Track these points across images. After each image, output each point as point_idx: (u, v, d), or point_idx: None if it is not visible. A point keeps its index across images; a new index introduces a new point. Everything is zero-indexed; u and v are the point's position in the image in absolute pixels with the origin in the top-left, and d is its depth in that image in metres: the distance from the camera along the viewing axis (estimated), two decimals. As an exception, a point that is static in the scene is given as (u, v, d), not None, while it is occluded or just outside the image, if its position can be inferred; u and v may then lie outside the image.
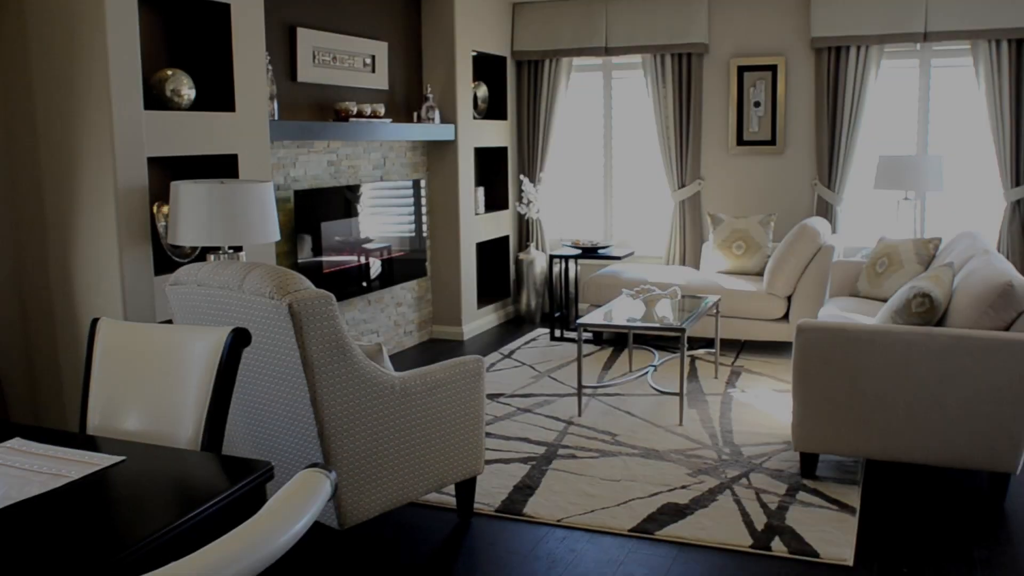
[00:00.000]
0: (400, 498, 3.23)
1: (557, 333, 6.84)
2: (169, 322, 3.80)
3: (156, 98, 4.17)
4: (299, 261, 5.22)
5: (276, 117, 4.93)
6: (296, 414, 3.00)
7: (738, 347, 6.36)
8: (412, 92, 6.58)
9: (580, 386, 4.84)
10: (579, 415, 4.86)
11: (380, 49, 6.09)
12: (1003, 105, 6.20)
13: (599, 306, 6.47)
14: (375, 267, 5.98)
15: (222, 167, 4.53)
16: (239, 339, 2.27)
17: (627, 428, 4.65)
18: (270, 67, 4.92)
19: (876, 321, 3.95)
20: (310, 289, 2.94)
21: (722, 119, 7.05)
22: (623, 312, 5.07)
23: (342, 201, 5.62)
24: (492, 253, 7.69)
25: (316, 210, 5.37)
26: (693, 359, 5.98)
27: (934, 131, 6.63)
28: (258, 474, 1.95)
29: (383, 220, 6.06)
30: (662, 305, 5.22)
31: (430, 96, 6.44)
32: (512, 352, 6.35)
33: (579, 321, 4.80)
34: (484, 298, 7.50)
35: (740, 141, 7.00)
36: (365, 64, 5.97)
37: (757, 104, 6.91)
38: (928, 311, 3.67)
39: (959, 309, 3.70)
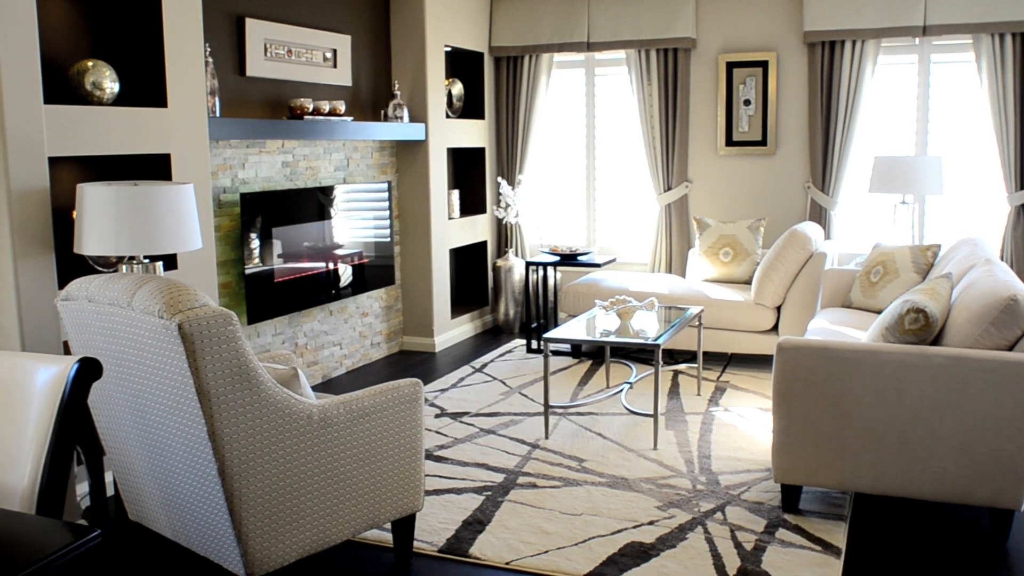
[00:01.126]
0: (320, 542, 2.85)
1: (534, 345, 6.45)
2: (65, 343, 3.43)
3: (74, 92, 3.80)
4: (247, 271, 4.84)
5: (218, 114, 4.55)
6: (194, 449, 2.62)
7: (724, 361, 5.97)
8: (379, 89, 6.21)
9: (547, 406, 4.45)
10: (546, 437, 4.48)
11: (342, 43, 5.72)
12: (1007, 103, 5.80)
13: (577, 316, 6.08)
14: (337, 275, 5.61)
15: (153, 168, 4.16)
16: (86, 371, 1.90)
17: (596, 452, 4.26)
18: (211, 59, 4.55)
19: (866, 338, 3.56)
20: (207, 307, 2.55)
21: (710, 118, 6.67)
22: (595, 325, 4.68)
23: (299, 205, 5.24)
24: (469, 260, 7.31)
25: (268, 215, 4.99)
26: (676, 374, 5.59)
27: (934, 131, 6.24)
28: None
29: (347, 225, 5.69)
30: (639, 317, 4.84)
31: (398, 93, 6.06)
32: (484, 365, 5.96)
33: (545, 336, 4.42)
34: (460, 307, 7.12)
35: (729, 141, 6.62)
36: (326, 59, 5.59)
37: (747, 102, 6.52)
38: (923, 328, 3.28)
39: (957, 326, 3.31)
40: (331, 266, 5.56)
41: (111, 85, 3.92)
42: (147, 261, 3.47)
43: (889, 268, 5.01)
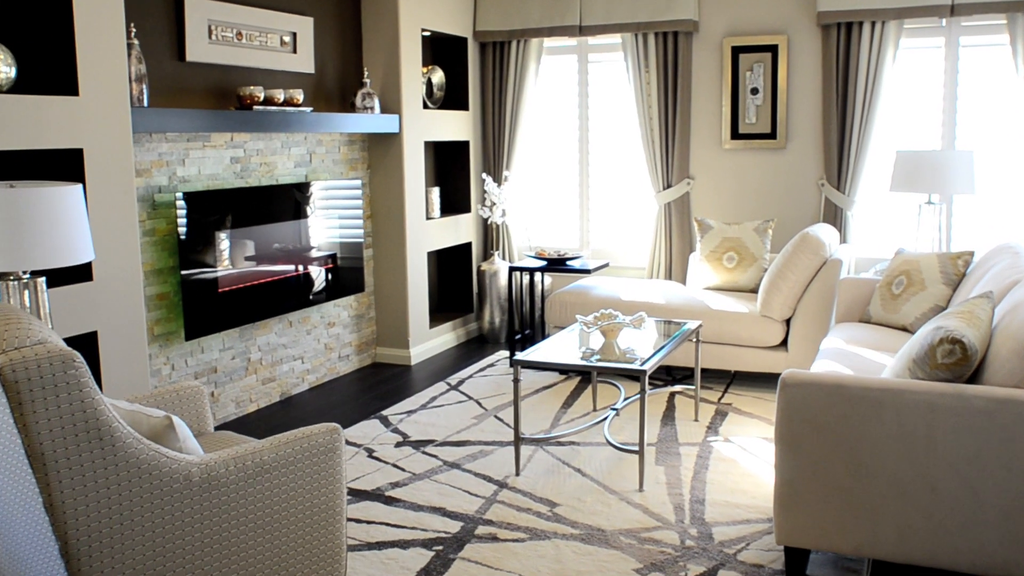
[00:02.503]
0: (206, 632, 2.29)
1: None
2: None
3: (-42, 76, 3.25)
4: (185, 279, 4.29)
5: (146, 103, 4.00)
6: (34, 526, 2.06)
7: (726, 380, 5.38)
8: (347, 77, 5.64)
9: (517, 438, 3.89)
10: (516, 474, 3.91)
11: (303, 25, 5.15)
12: (1047, 91, 5.18)
13: (560, 329, 5.50)
14: (298, 282, 5.05)
15: (61, 166, 3.61)
16: None
17: (572, 494, 3.68)
18: (136, 41, 3.98)
19: (889, 373, 2.96)
20: (42, 346, 2.00)
21: (714, 109, 6.07)
22: (576, 345, 4.11)
23: (251, 205, 4.68)
24: (451, 263, 6.74)
25: (213, 216, 4.44)
26: (672, 395, 5.00)
27: (963, 122, 5.61)
28: None
29: (310, 227, 5.13)
30: (626, 336, 4.26)
31: (367, 82, 5.49)
32: (462, 382, 5.40)
33: (515, 359, 3.84)
34: (441, 314, 6.55)
35: (735, 134, 6.02)
36: (284, 43, 5.03)
37: (755, 91, 5.92)
38: (959, 362, 2.69)
39: (1001, 359, 2.72)
40: (291, 272, 5.00)
41: (5, 69, 3.37)
42: (27, 276, 2.91)
43: (914, 278, 4.41)
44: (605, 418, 4.21)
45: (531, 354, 3.91)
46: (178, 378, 4.48)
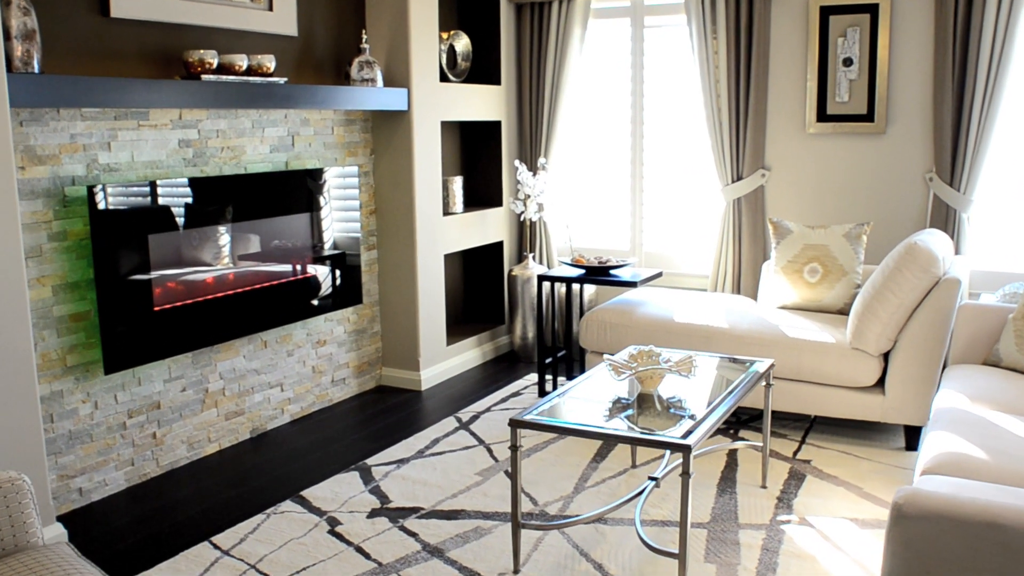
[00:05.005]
0: None
1: (549, 386, 4.85)
2: None
3: None
4: (100, 295, 3.37)
5: (36, 68, 3.07)
6: None
7: (804, 425, 4.26)
8: (344, 42, 4.66)
9: (516, 524, 2.87)
10: (515, 571, 2.90)
11: (284, -23, 4.19)
12: None
13: (603, 355, 4.46)
14: (273, 294, 4.11)
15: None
16: None
17: (584, 612, 2.66)
18: (26, -13, 3.06)
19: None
20: None
21: (797, 84, 4.92)
22: (606, 389, 3.07)
23: (206, 200, 3.76)
24: (479, 265, 5.74)
25: (150, 215, 3.52)
26: (732, 452, 3.92)
27: (1122, 101, 4.37)
28: None
29: (289, 225, 4.18)
30: (671, 384, 3.20)
31: (366, 48, 4.50)
32: (476, 417, 4.40)
33: (512, 420, 2.82)
34: (466, 327, 5.56)
35: (822, 116, 4.86)
36: (257, -1, 4.07)
37: (848, 62, 4.75)
38: None
39: None
40: (263, 282, 4.07)
41: None
42: None
43: (1067, 311, 3.24)
44: (642, 490, 3.17)
45: (534, 413, 2.88)
46: (102, 419, 3.57)
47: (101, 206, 3.33)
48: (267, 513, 3.38)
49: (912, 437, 3.86)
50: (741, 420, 4.34)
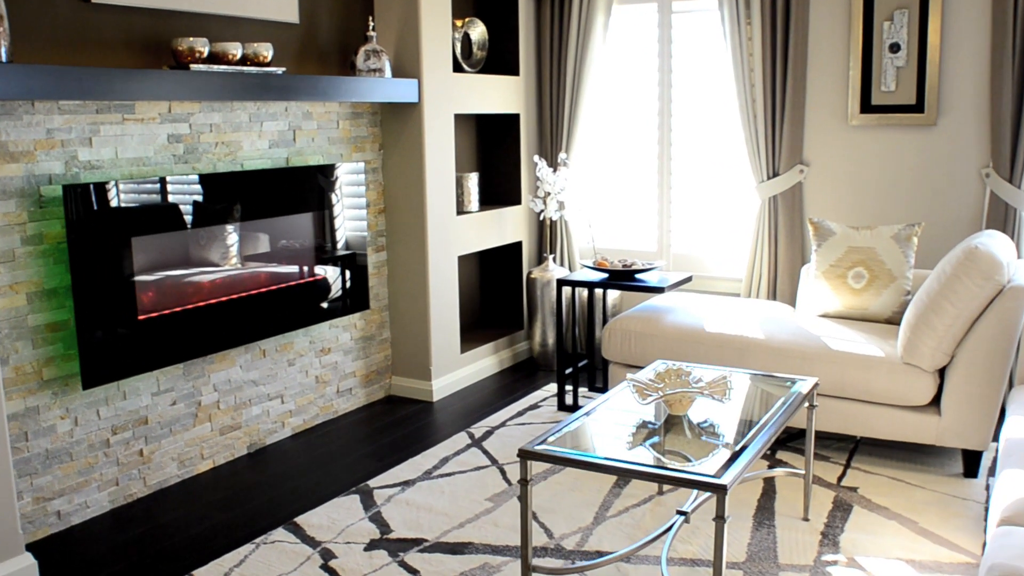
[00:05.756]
0: None
1: (569, 398, 4.53)
2: None
3: None
4: (78, 302, 3.09)
5: (3, 57, 2.78)
6: None
7: (849, 446, 3.90)
8: (350, 30, 4.36)
9: (527, 567, 2.55)
10: (526, 618, 2.58)
11: (284, -41, 3.89)
12: None
13: (626, 366, 4.13)
14: (271, 300, 3.82)
15: None
16: None
17: (604, 672, 2.34)
18: (-12, -35, 2.78)
19: None
20: None
21: (838, 72, 4.55)
22: (623, 419, 2.74)
23: (202, 199, 3.47)
24: (497, 267, 5.42)
25: (135, 216, 3.24)
26: (768, 481, 3.57)
27: None
28: None
29: (293, 227, 3.90)
30: (701, 409, 2.86)
31: (373, 35, 4.19)
32: (490, 432, 4.09)
33: (521, 450, 2.50)
34: (482, 332, 5.25)
35: (867, 106, 4.49)
36: (255, -18, 3.77)
37: (895, 48, 4.38)
38: None
39: None
40: (261, 288, 3.78)
41: None
42: None
43: None
44: (670, 526, 2.83)
45: (550, 438, 2.55)
46: (83, 436, 3.29)
47: (79, 206, 3.05)
48: (256, 543, 3.08)
49: (971, 463, 3.49)
50: (778, 439, 3.99)
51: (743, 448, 2.47)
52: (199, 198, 3.47)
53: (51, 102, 3.06)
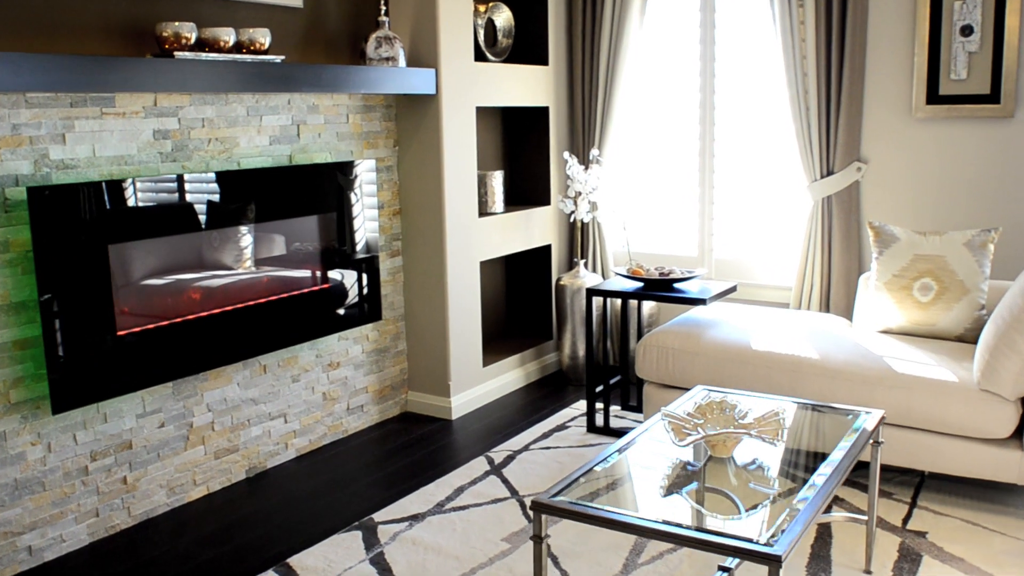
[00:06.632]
0: None
1: (600, 419, 4.14)
2: None
3: None
4: (45, 318, 2.77)
5: (-49, 41, 2.47)
6: None
7: (914, 482, 3.46)
8: (362, 14, 4.00)
9: (541, 637, 2.17)
10: None
11: (286, -63, 3.54)
12: None
13: (664, 387, 3.72)
14: (271, 311, 3.49)
15: None
16: None
17: None
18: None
19: None
20: None
21: (901, 59, 4.10)
22: (655, 462, 2.36)
23: (186, 202, 3.14)
24: (524, 273, 5.04)
25: (114, 220, 2.91)
26: (824, 523, 3.15)
27: None
28: None
29: (292, 229, 3.55)
30: (749, 450, 2.46)
31: (385, 21, 3.83)
32: (512, 457, 3.71)
33: (534, 502, 2.12)
34: (507, 343, 4.88)
35: (933, 97, 4.04)
36: (254, -38, 3.43)
37: (967, 31, 3.92)
38: None
39: None
40: (259, 298, 3.44)
41: None
42: None
43: None
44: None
45: (570, 485, 2.17)
46: (57, 463, 2.97)
47: (46, 211, 2.72)
48: (242, 591, 2.74)
49: (1060, 506, 3.05)
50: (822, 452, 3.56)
51: (802, 508, 2.06)
52: (189, 201, 3.14)
53: (16, 94, 2.74)
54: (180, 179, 3.11)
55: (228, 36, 3.15)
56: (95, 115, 2.96)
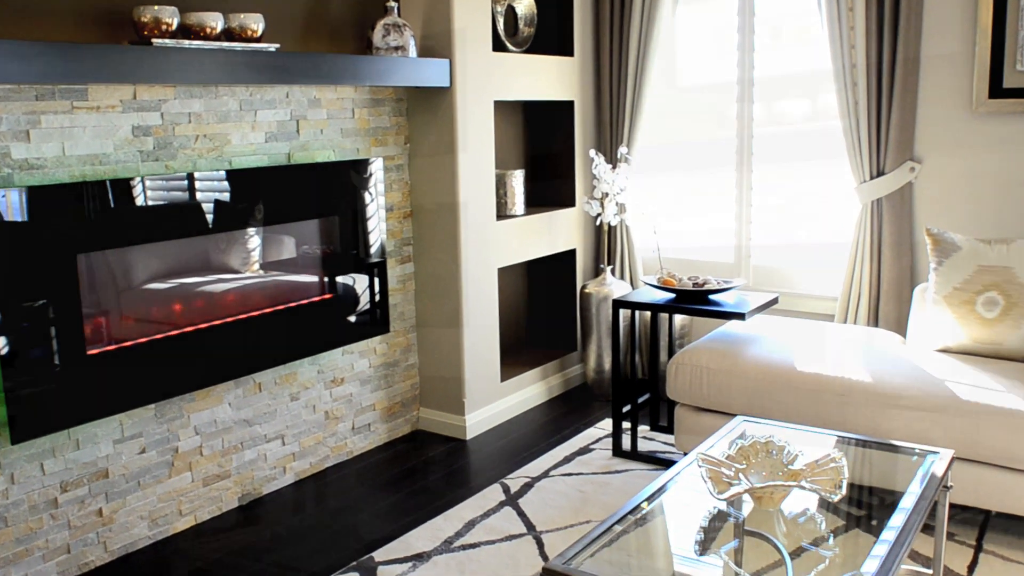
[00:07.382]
0: None
1: (627, 441, 3.79)
2: None
3: None
4: (5, 340, 2.48)
5: None
6: None
7: (978, 522, 3.09)
8: (369, 0, 3.68)
9: None
10: None
11: (284, -86, 3.23)
12: None
13: (698, 410, 3.38)
14: (265, 325, 3.18)
15: None
16: None
17: None
18: None
19: None
20: None
21: (960, 48, 3.71)
22: (689, 515, 2.02)
23: (169, 206, 2.84)
24: (547, 280, 4.71)
25: (85, 227, 2.62)
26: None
27: None
28: None
29: (289, 235, 3.25)
30: (798, 500, 2.11)
31: (394, 6, 3.51)
32: (530, 485, 3.39)
33: (548, 567, 1.79)
34: (530, 354, 4.55)
35: (996, 90, 3.65)
36: (248, -59, 3.12)
37: (1037, 17, 3.54)
38: None
39: None
40: (250, 311, 3.15)
41: None
42: None
43: None
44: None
45: (588, 547, 1.84)
46: (21, 496, 2.69)
47: (7, 216, 2.43)
48: (220, 645, 2.44)
49: None
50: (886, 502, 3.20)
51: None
52: (173, 204, 2.84)
53: (-27, 85, 2.45)
54: (189, 178, 2.82)
55: (215, 22, 2.84)
56: (64, 109, 2.66)
